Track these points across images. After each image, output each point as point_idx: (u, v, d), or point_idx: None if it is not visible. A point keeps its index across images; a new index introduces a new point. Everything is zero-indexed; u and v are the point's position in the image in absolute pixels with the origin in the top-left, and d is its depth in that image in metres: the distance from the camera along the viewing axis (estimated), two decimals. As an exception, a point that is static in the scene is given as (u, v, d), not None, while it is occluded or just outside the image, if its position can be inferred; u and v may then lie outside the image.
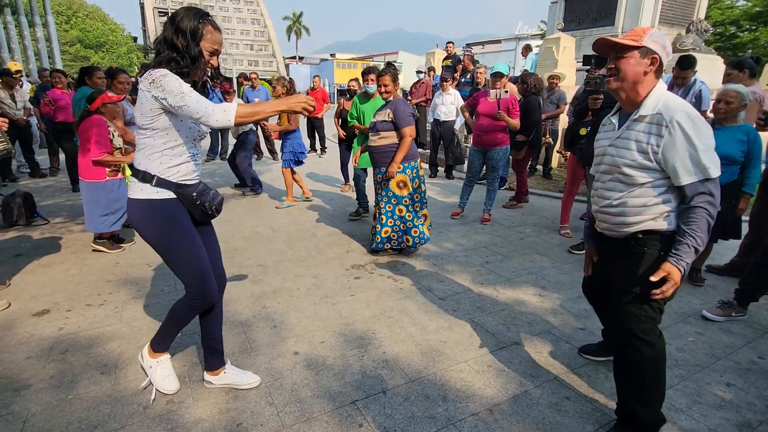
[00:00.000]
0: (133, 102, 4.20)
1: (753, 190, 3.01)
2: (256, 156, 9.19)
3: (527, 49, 10.00)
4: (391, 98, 3.77)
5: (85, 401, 2.04)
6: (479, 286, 3.35)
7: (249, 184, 6.24)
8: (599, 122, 3.66)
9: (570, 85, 7.95)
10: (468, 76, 8.59)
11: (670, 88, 4.52)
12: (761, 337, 2.68)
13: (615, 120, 1.86)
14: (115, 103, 3.83)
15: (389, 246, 3.86)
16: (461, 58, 9.49)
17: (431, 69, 10.61)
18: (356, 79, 6.59)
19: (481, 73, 7.15)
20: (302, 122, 9.09)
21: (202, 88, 1.86)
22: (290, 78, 5.75)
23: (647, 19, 9.54)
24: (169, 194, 1.82)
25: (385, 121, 3.70)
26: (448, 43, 10.30)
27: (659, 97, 1.68)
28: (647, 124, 1.69)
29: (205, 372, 2.17)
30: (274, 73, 55.48)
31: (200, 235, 1.98)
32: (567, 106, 6.93)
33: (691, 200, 1.62)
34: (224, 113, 1.67)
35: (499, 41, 48.49)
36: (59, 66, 13.87)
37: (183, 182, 1.85)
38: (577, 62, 9.15)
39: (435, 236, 4.48)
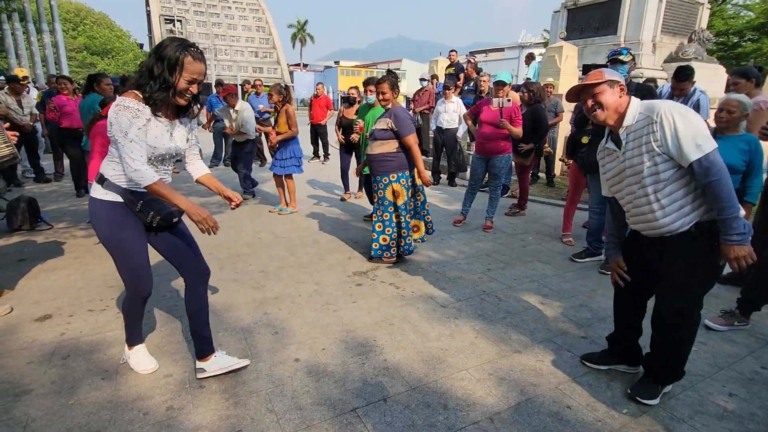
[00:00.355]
0: None
1: (755, 199, 3.00)
2: (259, 162, 9.24)
3: (530, 58, 10.06)
4: (389, 106, 3.78)
5: (85, 407, 2.04)
6: (481, 293, 3.34)
7: (248, 188, 6.37)
8: (600, 130, 3.70)
9: (571, 94, 7.97)
10: (471, 84, 8.63)
11: (669, 98, 4.53)
12: (764, 347, 2.66)
13: (612, 145, 2.06)
14: None
15: (388, 255, 3.85)
16: (464, 66, 9.54)
17: (434, 77, 10.68)
18: (356, 87, 6.65)
19: (485, 81, 7.19)
20: (306, 129, 9.16)
21: (183, 112, 2.03)
22: (286, 85, 5.80)
23: (649, 28, 9.59)
24: (116, 197, 1.97)
25: (384, 129, 3.70)
26: (451, 51, 10.35)
27: (636, 107, 1.94)
28: (638, 130, 1.91)
29: (197, 361, 2.27)
30: (279, 80, 55.89)
31: (165, 237, 2.15)
32: (568, 115, 6.96)
33: (704, 178, 1.77)
34: (141, 179, 1.84)
35: (502, 49, 48.70)
36: (66, 72, 14.02)
37: (132, 189, 1.97)
38: (579, 71, 9.20)
39: (437, 243, 4.48)
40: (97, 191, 1.99)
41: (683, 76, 4.23)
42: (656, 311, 2.08)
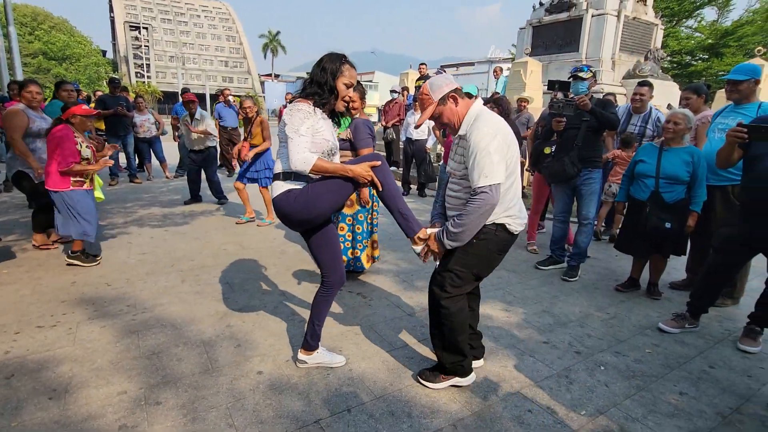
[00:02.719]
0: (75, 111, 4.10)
1: (699, 208, 3.17)
2: (228, 173, 9.09)
3: (500, 71, 10.37)
4: (357, 116, 3.80)
5: (30, 428, 1.92)
6: (447, 301, 3.37)
7: (220, 196, 6.41)
8: (564, 142, 3.84)
9: (537, 107, 8.25)
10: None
11: (629, 116, 4.74)
12: (712, 348, 2.80)
13: (455, 139, 2.21)
14: (88, 116, 3.90)
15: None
16: (433, 79, 9.71)
17: (405, 89, 10.83)
18: None
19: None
20: (275, 139, 9.08)
21: (337, 116, 2.33)
22: (252, 96, 5.84)
23: (608, 47, 10.09)
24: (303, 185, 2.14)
25: (344, 139, 3.72)
26: (421, 64, 10.55)
27: (470, 118, 2.07)
28: (464, 141, 2.07)
29: (299, 351, 2.45)
30: (249, 90, 55.30)
31: None
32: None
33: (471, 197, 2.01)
34: (305, 162, 2.02)
35: (472, 64, 49.99)
36: (20, 77, 13.41)
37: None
38: (544, 86, 9.55)
39: (406, 253, 4.50)
40: (284, 185, 2.13)
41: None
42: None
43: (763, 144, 2.55)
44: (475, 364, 2.51)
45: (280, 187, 2.15)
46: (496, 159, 1.94)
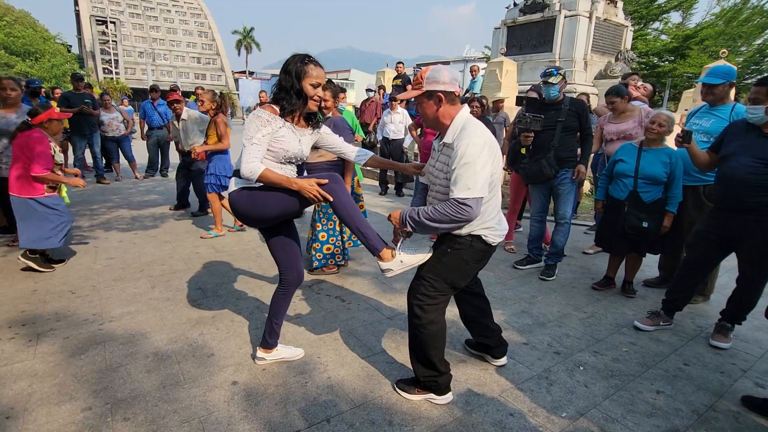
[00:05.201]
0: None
1: (675, 208, 3.24)
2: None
3: (477, 70, 10.44)
4: (329, 115, 3.72)
5: (-18, 452, 1.79)
6: (427, 303, 3.34)
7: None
8: (540, 143, 3.87)
9: (512, 106, 8.33)
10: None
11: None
12: (686, 345, 2.86)
13: (436, 145, 2.14)
14: (61, 120, 3.75)
15: (333, 262, 3.79)
16: (410, 77, 9.70)
17: (381, 87, 10.77)
18: None
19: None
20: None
21: (313, 117, 2.28)
22: (221, 93, 5.25)
23: (581, 48, 10.28)
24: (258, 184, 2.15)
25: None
26: (398, 63, 10.52)
27: (457, 126, 1.98)
28: (449, 149, 1.98)
29: (258, 349, 2.49)
30: (223, 88, 54.12)
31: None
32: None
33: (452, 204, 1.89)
34: (251, 173, 2.02)
35: (447, 63, 50.34)
36: (-22, 73, 12.73)
37: None
38: (519, 85, 9.66)
39: (384, 254, 4.44)
40: (238, 182, 2.15)
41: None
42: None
43: (729, 145, 2.64)
44: (497, 362, 2.53)
45: (234, 183, 2.20)
46: (482, 172, 1.85)
